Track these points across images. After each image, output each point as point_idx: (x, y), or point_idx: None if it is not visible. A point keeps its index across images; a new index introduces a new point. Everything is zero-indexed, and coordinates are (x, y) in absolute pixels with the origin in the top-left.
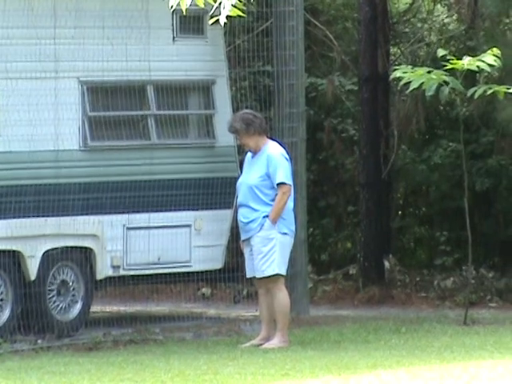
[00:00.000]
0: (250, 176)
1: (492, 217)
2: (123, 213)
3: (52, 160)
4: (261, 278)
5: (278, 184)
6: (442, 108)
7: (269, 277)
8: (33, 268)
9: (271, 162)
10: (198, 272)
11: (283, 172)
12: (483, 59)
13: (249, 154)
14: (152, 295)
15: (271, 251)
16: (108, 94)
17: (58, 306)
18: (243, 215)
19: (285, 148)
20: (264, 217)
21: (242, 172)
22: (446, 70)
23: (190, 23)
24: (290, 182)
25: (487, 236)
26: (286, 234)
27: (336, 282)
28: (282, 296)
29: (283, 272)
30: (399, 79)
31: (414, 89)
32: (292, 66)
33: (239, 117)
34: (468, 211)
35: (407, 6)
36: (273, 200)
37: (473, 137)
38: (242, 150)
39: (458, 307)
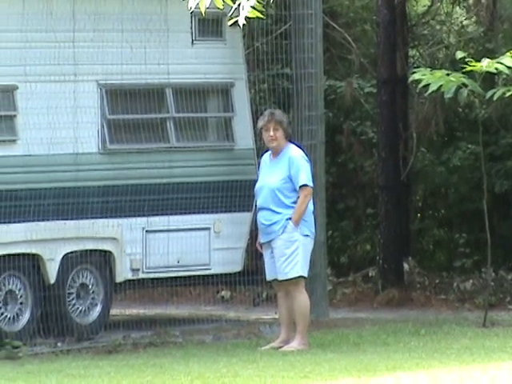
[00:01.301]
0: (271, 179)
1: (511, 219)
2: (142, 216)
3: (71, 163)
4: (283, 281)
5: (300, 186)
6: (460, 110)
7: (291, 279)
8: (52, 271)
9: (293, 164)
10: (217, 275)
11: (305, 174)
12: (502, 61)
13: (266, 157)
14: (171, 298)
15: (294, 253)
16: (127, 97)
17: (78, 309)
18: (265, 218)
19: (304, 151)
20: (287, 219)
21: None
22: (464, 73)
23: (209, 26)
24: (311, 184)
25: (506, 238)
26: (307, 235)
27: (355, 285)
28: (303, 298)
29: (306, 274)
30: (418, 81)
31: (432, 91)
32: (311, 68)
33: (281, 113)
34: (487, 213)
35: (426, 9)
36: (294, 202)
37: (492, 139)
38: (260, 153)
39: (477, 309)
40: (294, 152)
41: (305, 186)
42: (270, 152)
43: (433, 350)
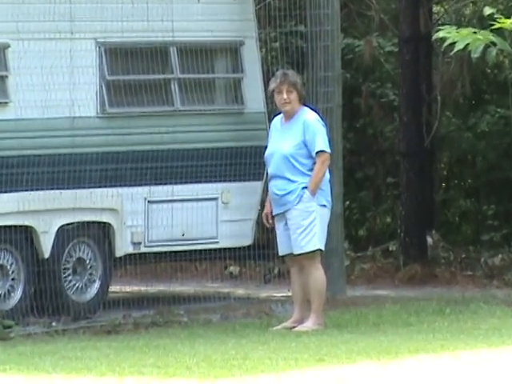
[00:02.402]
0: (284, 145)
1: None
2: (144, 185)
3: (67, 128)
4: (298, 255)
5: (316, 152)
6: (489, 71)
7: (308, 253)
8: (46, 245)
9: (308, 129)
10: (225, 249)
11: (322, 139)
12: None
13: (276, 121)
14: (176, 274)
15: (311, 225)
16: (128, 56)
17: (74, 285)
18: (278, 187)
19: (319, 114)
20: (303, 188)
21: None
22: (493, 30)
23: None
24: (328, 150)
25: None
26: (324, 205)
27: (375, 260)
28: (319, 274)
29: (323, 247)
30: (443, 40)
31: (458, 50)
32: (327, 25)
33: (295, 73)
34: None
35: None
36: (310, 170)
37: None
38: (272, 117)
39: (506, 286)
40: (308, 115)
41: (322, 151)
42: (281, 115)
43: (459, 331)
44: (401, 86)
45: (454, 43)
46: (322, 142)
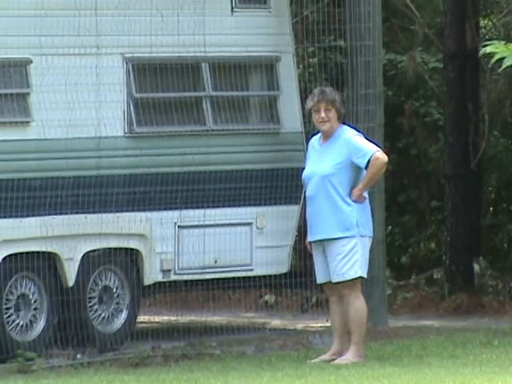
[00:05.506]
0: (323, 166)
1: None
2: (175, 209)
3: (93, 148)
4: (337, 283)
5: (369, 159)
6: None
7: (348, 281)
8: (71, 272)
9: (351, 145)
10: (260, 277)
11: (367, 144)
12: None
13: (314, 141)
14: (208, 303)
15: (352, 251)
16: (157, 72)
17: (100, 315)
18: (316, 211)
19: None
20: (343, 213)
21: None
22: None
23: None
24: (377, 147)
25: None
26: (366, 235)
27: (418, 288)
28: (359, 304)
29: (365, 275)
30: (490, 56)
31: (507, 66)
32: (368, 40)
33: (333, 90)
34: None
35: None
36: (351, 193)
37: None
38: (310, 137)
39: None
40: (349, 133)
41: (373, 154)
42: (319, 135)
43: (507, 364)
44: (446, 105)
45: (503, 59)
46: (368, 146)
